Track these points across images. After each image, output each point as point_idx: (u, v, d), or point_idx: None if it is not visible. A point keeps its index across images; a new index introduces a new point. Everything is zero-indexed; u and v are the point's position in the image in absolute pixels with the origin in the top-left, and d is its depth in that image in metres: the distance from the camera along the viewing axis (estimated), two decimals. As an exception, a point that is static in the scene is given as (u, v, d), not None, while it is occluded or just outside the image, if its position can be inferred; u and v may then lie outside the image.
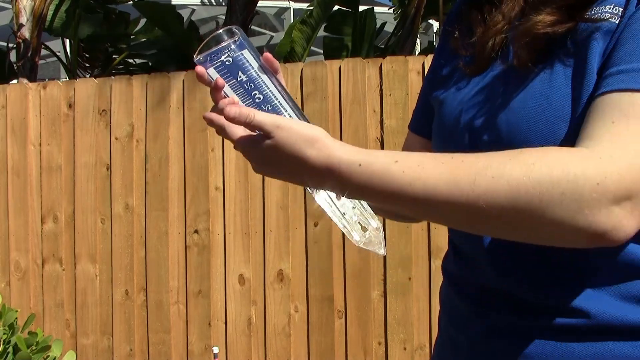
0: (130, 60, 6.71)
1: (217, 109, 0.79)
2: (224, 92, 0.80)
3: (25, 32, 4.38)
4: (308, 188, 0.79)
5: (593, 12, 0.72)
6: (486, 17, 0.81)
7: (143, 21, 6.34)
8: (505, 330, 0.75)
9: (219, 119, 0.75)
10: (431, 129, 0.91)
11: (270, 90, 0.80)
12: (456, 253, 0.85)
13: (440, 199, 0.63)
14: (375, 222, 0.79)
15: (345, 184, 0.68)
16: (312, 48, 7.13)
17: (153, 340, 3.03)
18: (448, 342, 0.86)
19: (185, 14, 8.19)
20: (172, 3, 8.15)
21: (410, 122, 1.01)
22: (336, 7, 5.96)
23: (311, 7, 5.93)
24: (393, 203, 0.67)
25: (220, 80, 0.79)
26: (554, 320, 0.72)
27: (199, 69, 0.79)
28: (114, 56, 6.40)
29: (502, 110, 0.74)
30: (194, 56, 0.80)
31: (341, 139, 2.29)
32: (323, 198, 0.79)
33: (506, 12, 0.78)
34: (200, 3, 9.57)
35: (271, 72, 0.81)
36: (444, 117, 0.84)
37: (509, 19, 0.78)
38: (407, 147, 1.01)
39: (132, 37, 6.37)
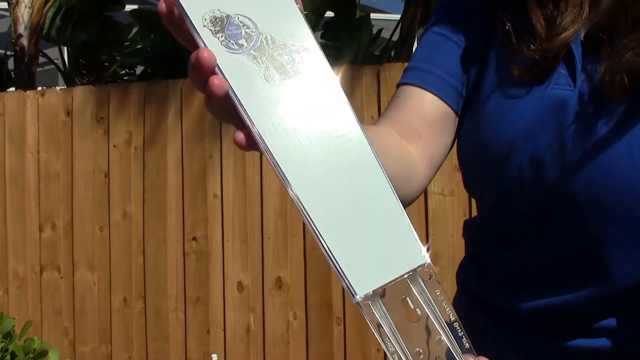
0: (123, 71, 6.71)
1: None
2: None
3: (23, 40, 4.38)
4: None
5: None
6: (547, 12, 0.67)
7: (137, 29, 6.34)
8: (546, 350, 0.73)
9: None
10: (456, 94, 0.74)
11: None
12: (479, 269, 0.80)
13: None
14: None
15: None
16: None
17: (151, 347, 3.02)
18: None
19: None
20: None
21: (417, 74, 0.76)
22: (332, 14, 5.97)
23: (305, 12, 5.94)
24: None
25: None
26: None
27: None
28: (105, 64, 6.40)
29: (585, 159, 0.62)
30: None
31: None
32: None
33: (575, 12, 0.65)
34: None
35: None
36: (490, 136, 0.69)
37: (578, 24, 0.66)
38: (406, 103, 0.76)
39: (128, 44, 6.38)
